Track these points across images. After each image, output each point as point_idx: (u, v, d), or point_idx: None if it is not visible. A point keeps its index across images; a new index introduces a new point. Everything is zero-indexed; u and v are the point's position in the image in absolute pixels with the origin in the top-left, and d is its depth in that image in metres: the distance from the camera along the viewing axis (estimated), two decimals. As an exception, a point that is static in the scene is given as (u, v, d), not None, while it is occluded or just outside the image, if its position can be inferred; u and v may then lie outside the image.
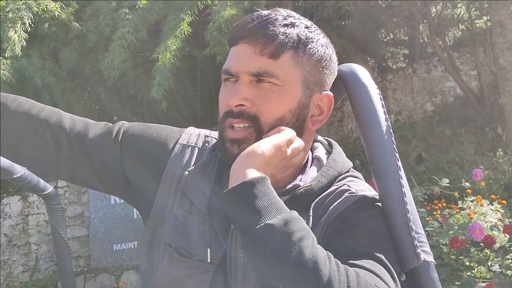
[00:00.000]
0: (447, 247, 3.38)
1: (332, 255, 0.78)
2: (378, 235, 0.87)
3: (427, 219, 3.77)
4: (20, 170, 1.39)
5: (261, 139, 0.89)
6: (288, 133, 0.90)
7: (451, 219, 3.94)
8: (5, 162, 1.31)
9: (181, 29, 5.57)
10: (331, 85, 0.99)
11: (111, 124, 1.05)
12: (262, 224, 0.75)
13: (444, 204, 4.59)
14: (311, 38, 0.94)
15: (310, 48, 0.93)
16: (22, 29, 5.51)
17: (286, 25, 0.92)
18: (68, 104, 6.66)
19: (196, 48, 6.27)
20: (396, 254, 0.87)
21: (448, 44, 7.94)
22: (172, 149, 1.01)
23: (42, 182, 1.55)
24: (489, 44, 7.16)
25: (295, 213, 0.79)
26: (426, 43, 8.07)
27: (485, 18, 7.48)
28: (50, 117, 1.01)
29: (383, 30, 8.48)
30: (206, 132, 1.07)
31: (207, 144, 1.03)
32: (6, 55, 5.46)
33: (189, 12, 5.72)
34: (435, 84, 8.07)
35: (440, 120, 7.51)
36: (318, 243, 0.83)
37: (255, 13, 0.94)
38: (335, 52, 0.99)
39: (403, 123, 7.43)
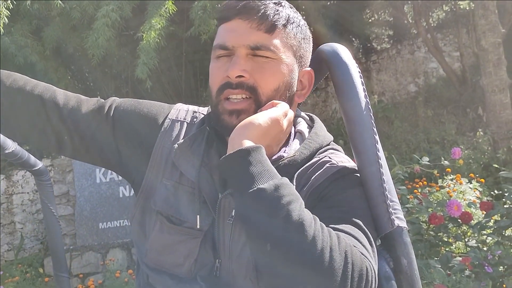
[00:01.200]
0: (426, 224, 3.49)
1: (318, 218, 0.84)
2: (356, 203, 0.94)
3: (408, 197, 3.86)
4: (11, 146, 1.41)
5: (259, 110, 0.96)
6: (283, 106, 0.97)
7: (431, 197, 4.05)
8: (-3, 137, 1.34)
9: (166, 8, 5.53)
10: (309, 62, 1.07)
11: (103, 100, 1.10)
12: (255, 188, 0.82)
13: (425, 182, 4.70)
14: (297, 18, 1.02)
15: (297, 27, 1.02)
16: (4, 6, 5.44)
17: (276, 4, 0.99)
18: (51, 82, 6.54)
19: (181, 28, 6.24)
20: (372, 220, 0.94)
21: (432, 25, 8.00)
22: (162, 124, 1.06)
23: (32, 158, 1.58)
24: (472, 26, 7.24)
25: (285, 179, 0.86)
26: (411, 24, 8.12)
27: None
28: (44, 93, 1.04)
29: (368, 11, 8.51)
30: (195, 108, 1.13)
31: (195, 119, 1.09)
32: (-12, 33, 5.39)
33: (174, -10, 5.68)
34: (419, 65, 8.16)
35: (423, 101, 7.61)
36: None
37: None
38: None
39: (387, 103, 7.52)
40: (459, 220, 3.34)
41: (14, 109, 1.02)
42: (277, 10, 0.98)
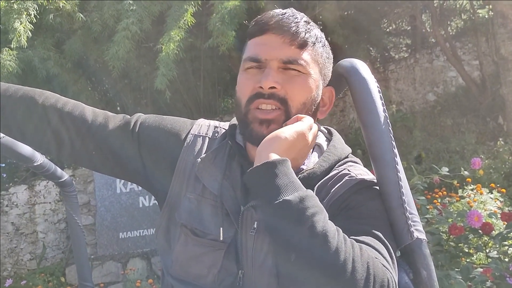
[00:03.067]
0: (446, 234, 3.46)
1: (341, 230, 0.86)
2: (376, 215, 0.96)
3: (428, 207, 3.84)
4: (40, 158, 1.47)
5: (285, 124, 0.99)
6: (308, 120, 1.00)
7: (451, 207, 4.01)
8: (27, 150, 1.39)
9: (184, 20, 5.61)
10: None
11: (129, 116, 1.14)
12: (281, 200, 0.85)
13: (445, 192, 4.66)
14: (323, 38, 1.08)
15: (323, 46, 1.07)
16: (27, 20, 5.57)
17: (306, 22, 1.04)
18: (73, 94, 6.72)
19: (199, 39, 6.32)
20: (392, 232, 0.96)
21: (450, 34, 7.97)
22: (184, 139, 1.10)
23: (59, 170, 1.63)
24: (491, 34, 7.19)
25: (310, 192, 0.89)
26: (429, 33, 8.09)
27: (488, 8, 7.50)
28: (74, 110, 1.09)
29: (385, 21, 8.50)
30: (216, 123, 1.17)
31: (216, 134, 1.12)
32: (12, 46, 5.52)
33: (192, 3, 5.75)
34: (437, 74, 8.11)
35: (442, 110, 7.56)
36: None
37: (276, 10, 1.05)
38: None
39: (405, 113, 7.48)
40: (480, 231, 3.31)
41: (47, 125, 1.07)
42: (309, 28, 1.03)
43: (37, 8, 5.72)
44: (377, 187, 1.01)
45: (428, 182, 3.69)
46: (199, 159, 1.05)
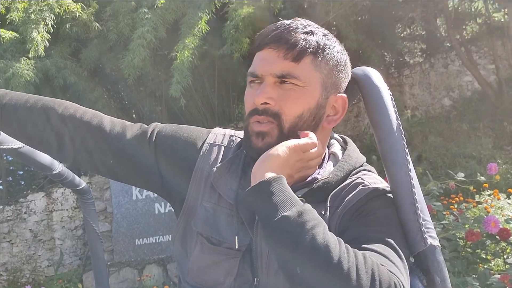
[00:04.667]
0: (463, 240, 3.43)
1: (342, 240, 0.87)
2: (388, 222, 0.97)
3: (444, 213, 3.81)
4: (58, 167, 1.50)
5: (282, 134, 1.01)
6: (306, 138, 1.01)
7: (468, 213, 3.98)
8: (46, 159, 1.42)
9: (199, 28, 5.66)
10: (345, 87, 1.09)
11: (146, 126, 1.16)
12: (279, 216, 0.87)
13: (461, 198, 4.62)
14: (328, 45, 1.05)
15: (328, 54, 1.04)
16: (44, 30, 5.66)
17: (306, 33, 1.02)
18: (89, 102, 6.80)
19: (213, 46, 6.36)
20: (404, 239, 0.96)
21: (466, 38, 7.91)
22: (200, 148, 1.12)
23: (77, 178, 1.66)
24: (507, 38, 7.13)
25: (308, 206, 0.90)
26: (444, 38, 8.04)
27: (503, 11, 7.44)
28: (92, 120, 1.12)
29: (400, 25, 8.47)
30: (231, 132, 1.18)
31: (232, 143, 1.14)
32: (30, 56, 5.61)
33: (206, 10, 5.80)
34: (453, 78, 8.06)
35: (458, 115, 7.50)
36: (335, 231, 0.94)
37: (279, 22, 1.04)
38: (349, 58, 1.10)
39: (420, 118, 7.44)
40: (497, 237, 3.28)
41: (65, 135, 1.09)
42: (306, 39, 1.01)
43: (54, 18, 5.81)
44: (391, 195, 1.02)
45: (444, 187, 3.67)
46: (215, 168, 1.06)
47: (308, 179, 1.03)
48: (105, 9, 6.36)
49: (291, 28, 1.02)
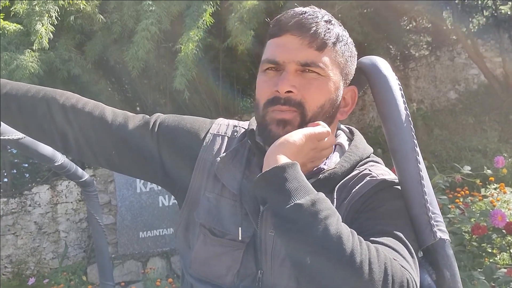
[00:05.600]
0: (469, 234, 3.41)
1: (355, 232, 0.85)
2: (397, 215, 0.94)
3: (449, 206, 3.78)
4: (60, 158, 1.48)
5: (304, 124, 0.98)
6: (321, 127, 0.98)
7: (474, 207, 3.96)
8: (48, 150, 1.41)
9: (203, 20, 5.63)
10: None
11: (148, 116, 1.14)
12: (292, 204, 0.83)
13: (467, 192, 4.59)
14: (345, 36, 1.04)
15: (345, 45, 1.03)
16: (49, 22, 5.65)
17: (327, 22, 1.00)
18: (93, 94, 6.80)
19: (218, 39, 6.33)
20: (413, 232, 0.94)
21: (472, 31, 7.84)
22: (203, 139, 1.09)
23: (79, 170, 1.65)
24: (514, 31, 7.07)
25: (322, 195, 0.87)
26: (450, 31, 7.98)
27: (510, 4, 7.37)
28: (94, 110, 1.10)
29: (405, 18, 8.41)
30: (235, 122, 1.15)
31: (235, 133, 1.11)
32: (34, 48, 5.60)
33: (211, 2, 5.77)
34: (459, 71, 8.01)
35: (464, 108, 7.46)
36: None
37: (297, 8, 1.01)
38: None
39: (426, 111, 7.40)
40: (504, 231, 3.25)
41: (67, 125, 1.08)
42: (328, 29, 0.99)
43: (58, 10, 5.80)
44: (399, 187, 0.99)
45: (450, 181, 3.63)
46: (219, 158, 1.04)
47: (315, 169, 1.01)
48: (109, 1, 6.34)
49: (313, 16, 0.99)
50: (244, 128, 1.12)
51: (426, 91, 7.99)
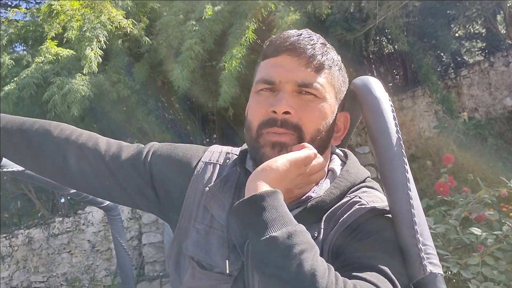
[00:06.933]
0: (521, 251, 3.21)
1: (332, 268, 0.79)
2: (385, 248, 0.87)
3: (503, 221, 3.57)
4: (73, 186, 1.51)
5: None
6: (307, 150, 0.92)
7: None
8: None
9: (246, 37, 5.67)
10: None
11: (143, 146, 1.13)
12: (267, 236, 0.78)
13: (516, 206, 4.33)
14: (340, 62, 1.01)
15: (339, 70, 1.00)
16: (98, 46, 5.87)
17: (323, 44, 0.98)
18: (142, 114, 6.98)
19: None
20: (403, 266, 0.87)
21: (528, 34, 7.49)
22: (195, 167, 1.07)
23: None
24: None
25: (301, 227, 0.82)
26: (504, 35, 7.65)
27: None
28: (88, 141, 1.10)
29: (453, 25, 8.14)
30: (228, 149, 1.11)
31: (228, 160, 1.08)
32: (84, 72, 5.83)
33: (253, 19, 5.80)
34: (515, 77, 7.65)
35: (521, 116, 7.11)
36: (328, 255, 0.86)
37: (291, 31, 0.99)
38: None
39: (479, 120, 7.09)
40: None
41: (60, 157, 1.09)
42: (325, 51, 0.97)
43: (107, 35, 6.02)
44: (389, 215, 0.92)
45: (497, 195, 3.43)
46: (207, 188, 1.01)
47: (302, 198, 0.95)
48: (155, 23, 6.51)
49: (310, 38, 0.97)
50: (236, 155, 1.08)
51: (480, 99, 7.67)
